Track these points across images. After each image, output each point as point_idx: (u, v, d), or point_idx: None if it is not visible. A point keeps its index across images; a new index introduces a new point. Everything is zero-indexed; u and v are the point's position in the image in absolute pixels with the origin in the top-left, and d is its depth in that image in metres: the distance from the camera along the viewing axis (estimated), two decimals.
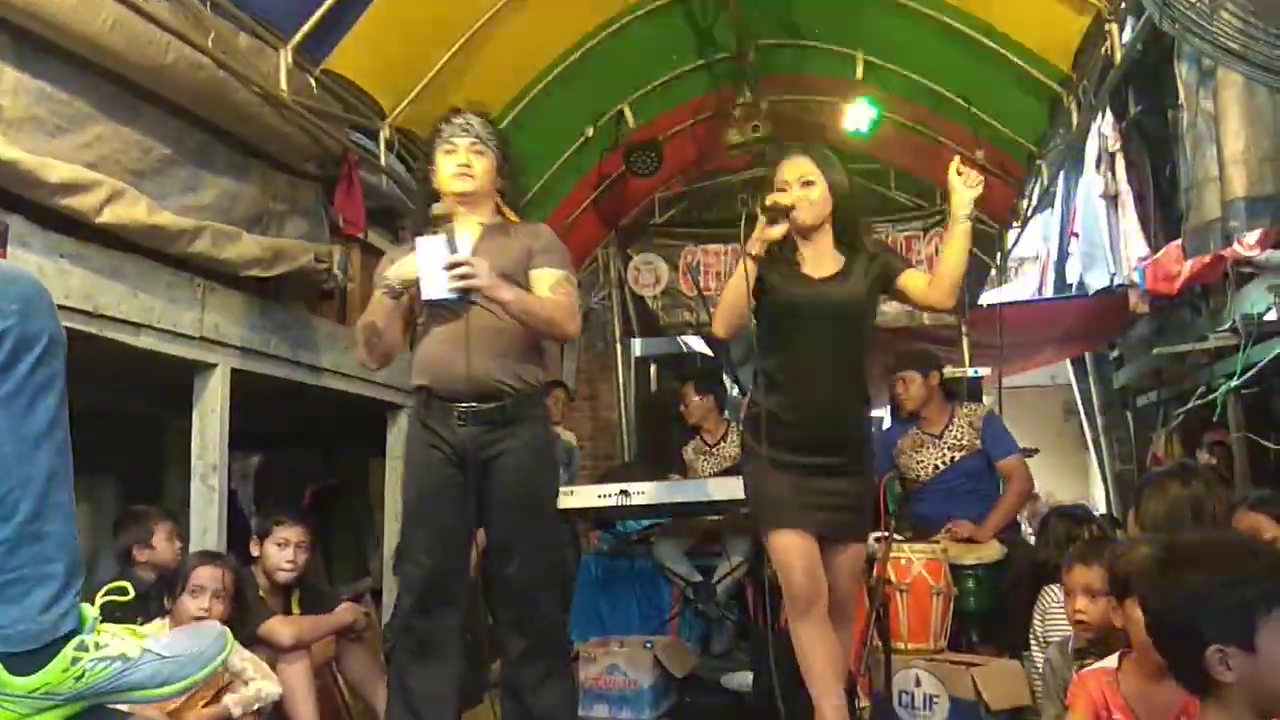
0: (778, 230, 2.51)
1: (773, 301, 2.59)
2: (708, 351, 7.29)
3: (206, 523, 3.13)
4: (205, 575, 2.58)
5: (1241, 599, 1.43)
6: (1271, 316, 3.94)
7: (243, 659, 2.47)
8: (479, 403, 2.44)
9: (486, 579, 2.92)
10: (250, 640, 2.69)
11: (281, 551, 2.94)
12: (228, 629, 1.35)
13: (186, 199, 3.06)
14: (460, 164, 2.55)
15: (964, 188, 2.55)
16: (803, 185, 2.60)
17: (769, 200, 2.54)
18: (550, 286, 2.50)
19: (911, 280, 2.64)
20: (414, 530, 2.57)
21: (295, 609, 2.99)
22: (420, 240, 2.40)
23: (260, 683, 2.48)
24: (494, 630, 2.70)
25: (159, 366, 3.12)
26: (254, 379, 3.41)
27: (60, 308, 2.53)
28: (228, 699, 2.37)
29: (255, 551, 2.96)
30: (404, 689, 2.50)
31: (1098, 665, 2.16)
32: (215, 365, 3.21)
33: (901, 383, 4.03)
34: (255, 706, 2.46)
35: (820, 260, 2.65)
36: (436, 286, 2.33)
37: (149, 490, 4.05)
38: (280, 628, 2.76)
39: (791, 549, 2.52)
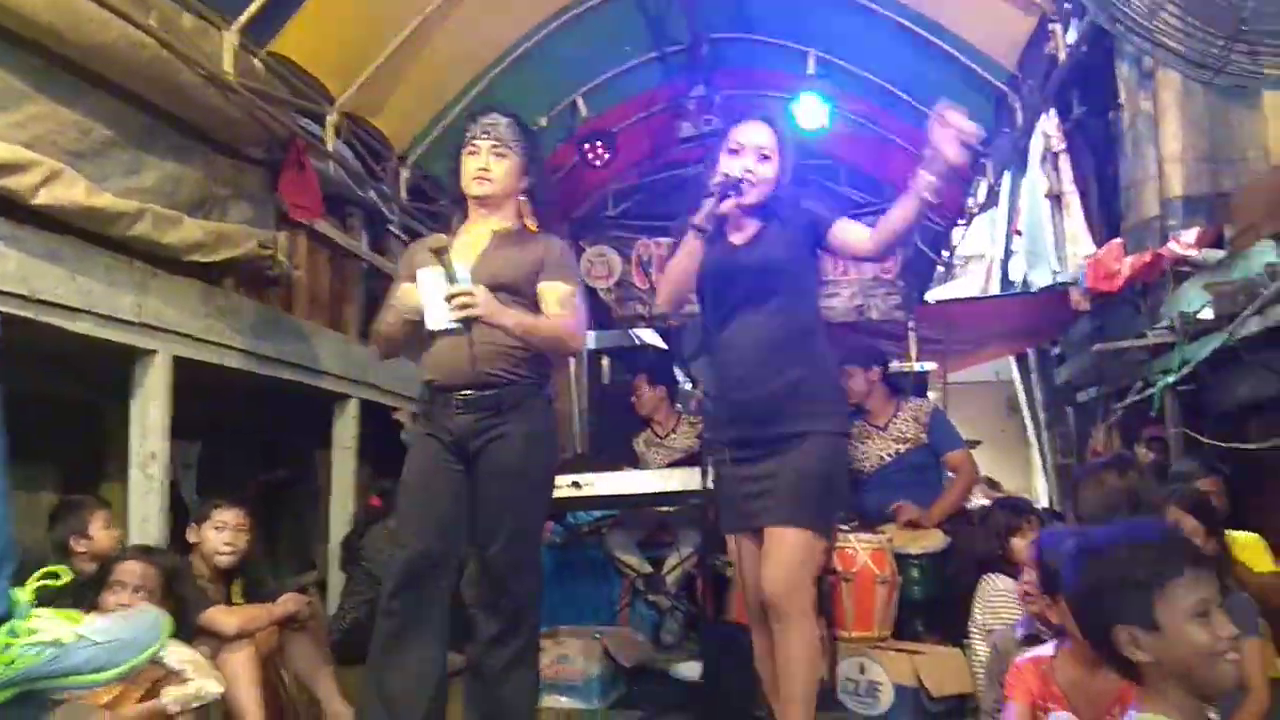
0: (728, 204, 2.42)
1: (707, 275, 2.48)
2: (660, 344, 7.31)
3: (147, 511, 3.08)
4: (126, 571, 2.51)
5: (1135, 578, 1.49)
6: (1207, 314, 4.05)
7: (182, 659, 2.40)
8: (475, 391, 2.48)
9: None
10: (191, 630, 2.65)
11: (219, 534, 2.90)
12: (165, 615, 1.32)
13: (128, 181, 2.99)
14: (480, 167, 2.57)
15: (941, 144, 2.27)
16: (759, 158, 2.47)
17: (723, 172, 2.43)
18: (558, 300, 2.53)
19: (844, 230, 2.49)
20: (405, 514, 2.61)
21: (238, 599, 2.94)
22: (420, 273, 2.45)
23: (200, 681, 2.43)
24: (464, 615, 2.67)
25: (98, 352, 3.04)
26: (196, 366, 3.34)
27: None
28: (164, 694, 2.32)
29: (192, 538, 2.91)
30: (378, 680, 2.50)
31: (1034, 654, 2.21)
32: (155, 352, 3.14)
33: (844, 377, 4.08)
34: (194, 705, 2.41)
35: (747, 227, 2.54)
36: (439, 317, 2.41)
37: (88, 479, 3.94)
38: (222, 617, 2.72)
39: (736, 554, 2.50)
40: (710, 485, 2.64)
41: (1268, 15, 1.92)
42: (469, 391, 2.49)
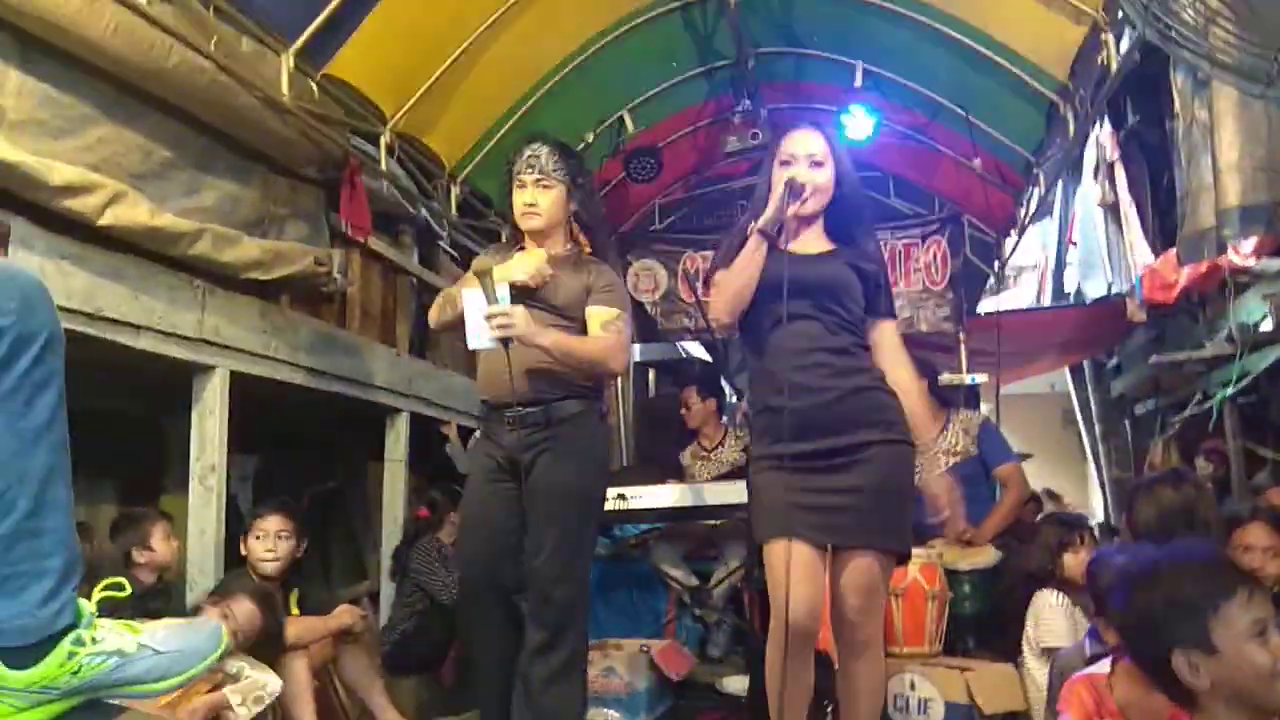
0: (792, 209, 2.33)
1: (759, 282, 2.36)
2: (706, 357, 7.30)
3: (204, 524, 3.15)
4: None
5: (1188, 601, 1.46)
6: (1268, 326, 3.96)
7: (238, 661, 2.48)
8: (524, 407, 2.57)
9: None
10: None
11: (260, 543, 2.98)
12: (223, 625, 1.37)
13: (187, 201, 3.08)
14: (526, 203, 2.67)
15: None
16: (811, 165, 2.38)
17: (787, 176, 2.34)
18: (602, 324, 2.61)
19: (880, 330, 2.44)
20: (462, 535, 2.80)
21: (294, 609, 3.00)
22: (465, 293, 2.56)
23: (259, 675, 2.49)
24: None
25: (159, 368, 3.14)
26: (253, 381, 3.43)
27: (61, 309, 2.55)
28: (227, 689, 2.38)
29: (244, 551, 2.97)
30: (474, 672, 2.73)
31: (1090, 671, 2.17)
32: (214, 367, 3.22)
33: None
34: (256, 695, 2.47)
35: (807, 240, 2.44)
36: (480, 337, 2.51)
37: (148, 492, 4.06)
38: None
39: (780, 562, 2.23)
40: (750, 490, 2.47)
41: None
42: (518, 408, 2.57)
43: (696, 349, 7.50)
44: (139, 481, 4.11)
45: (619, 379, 6.73)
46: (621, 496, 3.89)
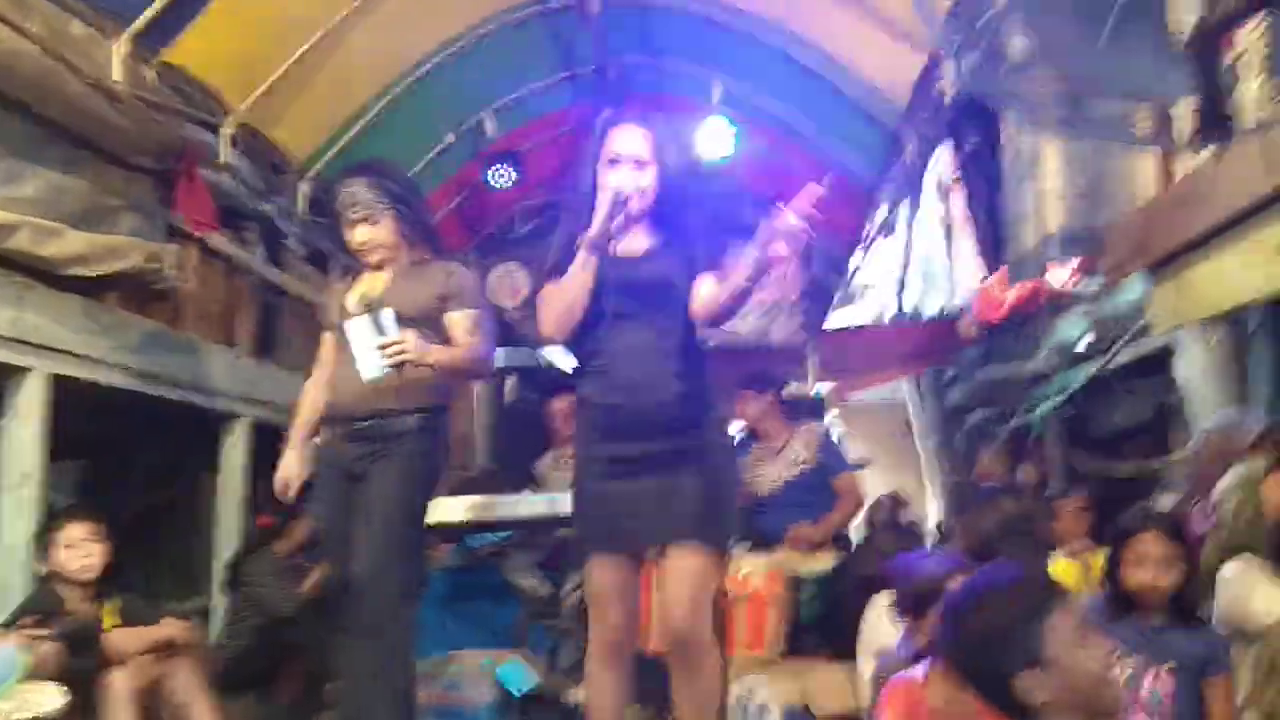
0: (618, 220, 2.26)
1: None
2: (565, 365, 7.30)
3: (18, 536, 2.93)
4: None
5: (1020, 623, 1.48)
6: (1083, 346, 4.26)
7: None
8: (363, 421, 2.64)
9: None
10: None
11: (72, 551, 2.78)
12: (18, 653, 1.27)
13: (6, 191, 2.86)
14: (360, 242, 2.73)
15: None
16: (635, 165, 2.32)
17: (614, 185, 2.26)
18: (466, 330, 2.69)
19: (699, 286, 2.33)
20: (323, 542, 2.84)
21: (109, 618, 2.82)
22: (349, 325, 2.62)
23: (35, 694, 2.30)
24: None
25: None
26: (76, 384, 3.21)
27: None
28: None
29: (43, 570, 2.78)
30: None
31: (905, 674, 2.27)
32: (31, 369, 3.00)
33: (739, 401, 4.16)
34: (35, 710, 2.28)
35: (629, 242, 2.37)
36: (372, 365, 2.55)
37: None
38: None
39: (600, 576, 2.27)
40: (573, 505, 2.42)
41: (1110, 77, 2.05)
42: (357, 422, 2.65)
43: (557, 355, 7.49)
44: None
45: (475, 386, 6.66)
46: (474, 506, 3.85)
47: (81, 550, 2.79)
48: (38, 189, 2.98)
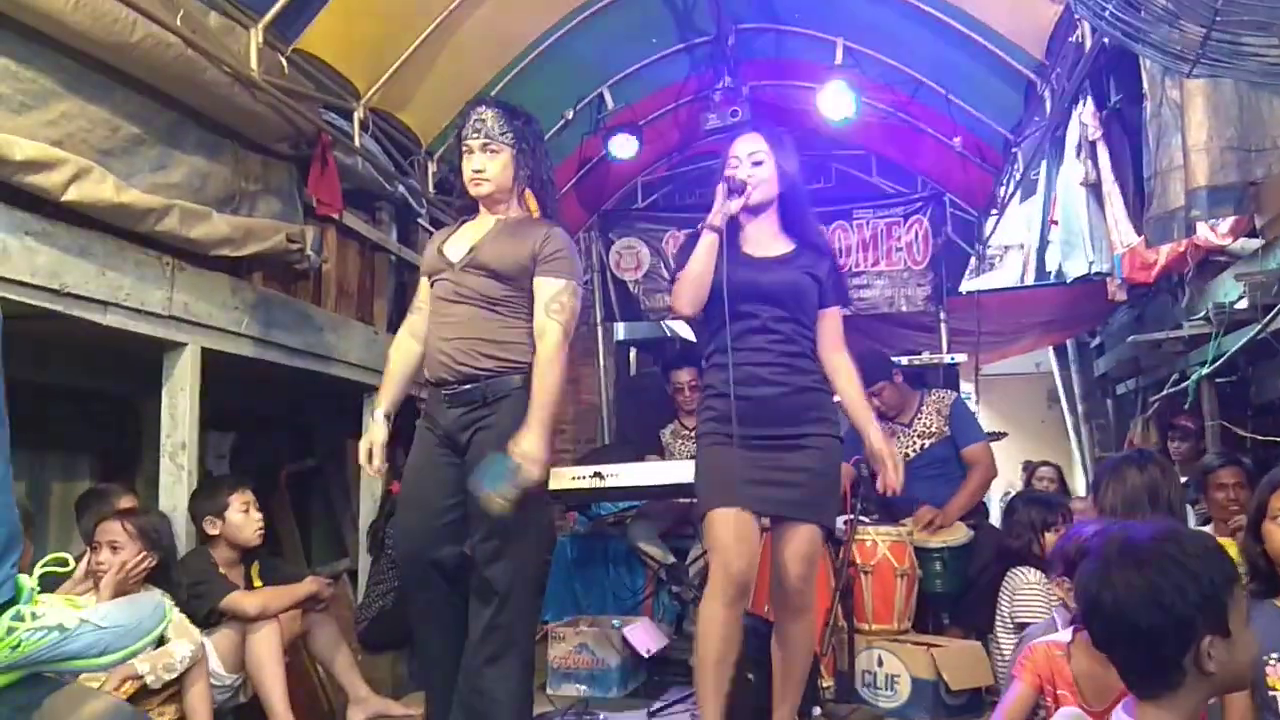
0: (736, 203, 2.57)
1: (715, 280, 2.56)
2: (690, 336, 7.31)
3: (175, 501, 3.15)
4: (103, 530, 2.57)
5: (1214, 589, 1.39)
6: (1243, 305, 3.97)
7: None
8: (461, 385, 2.58)
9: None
10: (213, 613, 2.71)
11: (246, 517, 2.97)
12: (166, 598, 1.37)
13: (156, 177, 3.05)
14: (475, 170, 2.65)
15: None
16: (753, 163, 2.63)
17: (726, 174, 2.61)
18: (546, 302, 2.57)
19: (824, 320, 2.65)
20: (399, 512, 2.74)
21: (255, 581, 3.00)
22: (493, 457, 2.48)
23: (174, 643, 2.47)
24: None
25: (130, 345, 3.13)
26: (227, 359, 3.42)
27: (26, 285, 2.57)
28: (135, 660, 2.31)
29: (213, 530, 2.95)
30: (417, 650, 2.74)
31: (1049, 639, 2.19)
32: (185, 344, 3.21)
33: (873, 398, 3.99)
34: (165, 664, 2.44)
35: (763, 241, 2.67)
36: (496, 491, 2.41)
37: (125, 468, 4.06)
38: (244, 599, 2.78)
39: (725, 526, 2.44)
40: (697, 465, 2.64)
41: (1242, 5, 1.87)
42: (455, 386, 2.59)
43: (681, 327, 7.51)
44: (116, 460, 4.11)
45: (601, 356, 6.75)
46: (599, 474, 3.90)
47: (255, 515, 2.98)
48: (184, 175, 3.17)
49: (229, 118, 3.30)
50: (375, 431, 2.71)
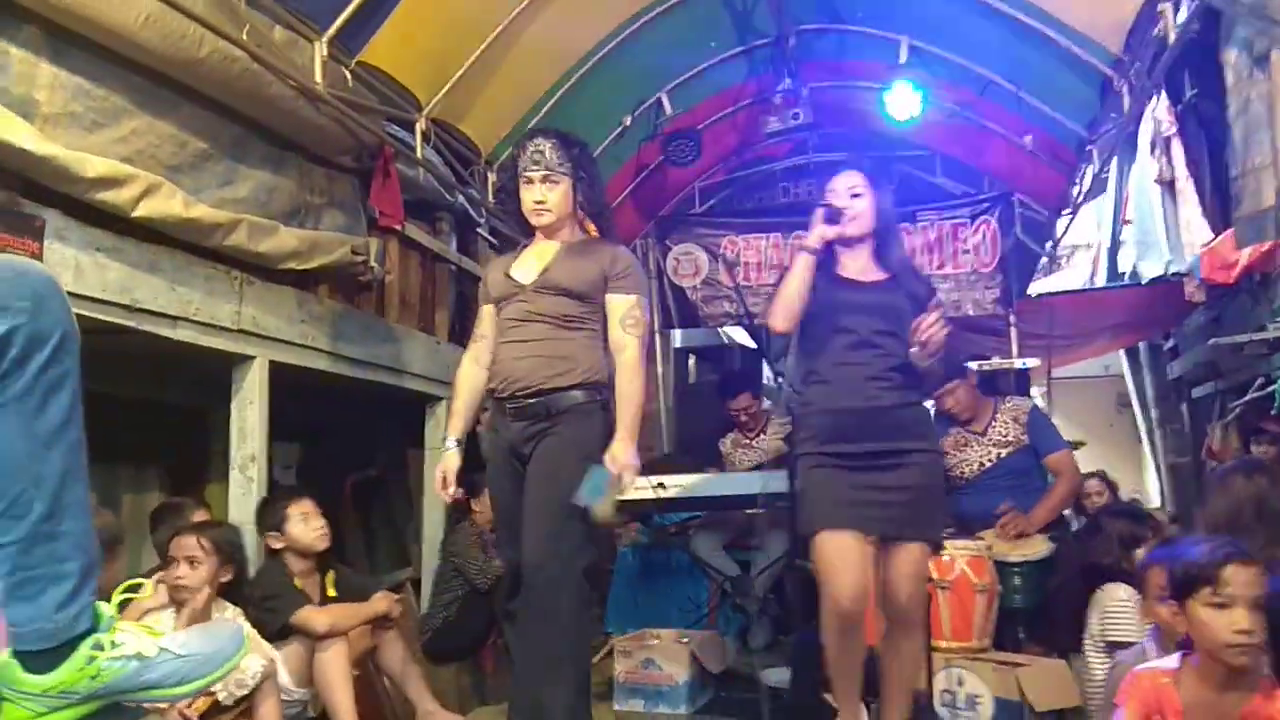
0: (835, 230, 2.64)
1: (816, 299, 2.64)
2: (748, 343, 7.22)
3: (245, 512, 3.16)
4: (179, 545, 2.56)
5: None
6: None
7: None
8: (526, 399, 2.62)
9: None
10: (284, 629, 2.70)
11: (309, 523, 2.95)
12: (245, 628, 1.34)
13: (223, 192, 3.07)
14: (536, 201, 2.69)
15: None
16: (851, 196, 2.68)
17: (827, 200, 2.68)
18: (620, 319, 2.66)
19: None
20: (496, 522, 2.86)
21: (330, 591, 2.99)
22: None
23: (246, 658, 2.44)
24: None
25: (199, 358, 3.15)
26: (293, 371, 3.43)
27: (98, 301, 2.59)
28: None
29: (276, 544, 2.94)
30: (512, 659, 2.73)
31: (1155, 664, 2.07)
32: (253, 358, 3.23)
33: (947, 396, 3.89)
34: (237, 679, 2.42)
35: (861, 266, 2.73)
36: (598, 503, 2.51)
37: (193, 480, 4.10)
38: (314, 616, 2.76)
39: (837, 552, 2.46)
40: (800, 485, 2.66)
41: None
42: (520, 399, 2.62)
43: (739, 334, 7.43)
44: (185, 472, 4.16)
45: (659, 364, 6.69)
46: (660, 485, 3.84)
47: (315, 522, 2.97)
48: (251, 189, 3.18)
49: (294, 131, 3.31)
50: (449, 460, 2.77)
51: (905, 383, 2.62)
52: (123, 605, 1.32)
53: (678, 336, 7.01)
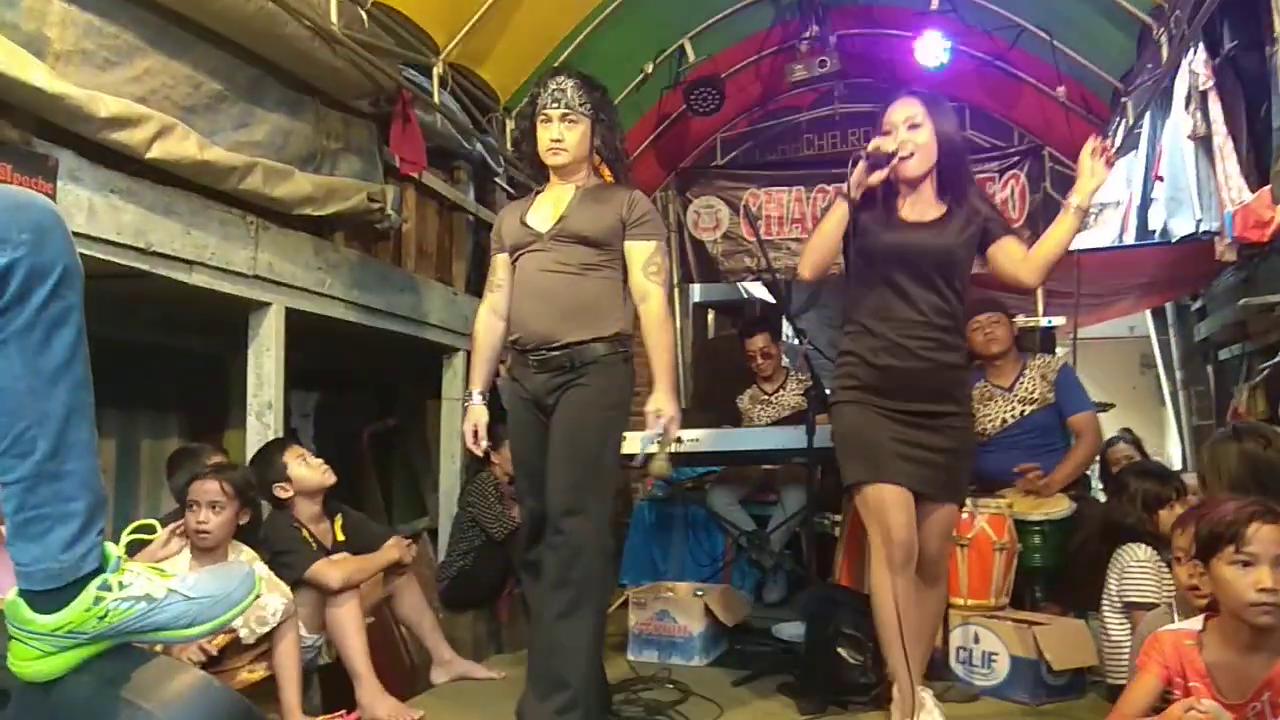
0: (878, 176, 2.50)
1: (866, 245, 2.56)
2: (768, 298, 7.14)
3: None
4: (200, 489, 2.54)
5: None
6: None
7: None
8: (549, 350, 2.58)
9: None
10: (297, 583, 2.71)
11: (309, 462, 2.94)
12: (256, 570, 1.32)
13: (238, 135, 3.03)
14: (553, 139, 2.63)
15: (1092, 175, 2.45)
16: (909, 128, 2.54)
17: (872, 145, 2.51)
18: (643, 266, 2.61)
19: (1006, 249, 2.58)
20: (515, 472, 2.83)
21: (338, 534, 2.99)
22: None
23: (266, 596, 2.47)
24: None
25: (216, 304, 3.13)
26: (309, 318, 3.41)
27: (112, 244, 2.56)
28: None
29: (285, 494, 2.92)
30: (529, 609, 2.73)
31: (1179, 627, 2.04)
32: (269, 304, 3.21)
33: (988, 325, 3.78)
34: (258, 616, 2.44)
35: (919, 206, 2.59)
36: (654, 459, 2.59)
37: (212, 427, 4.11)
38: (328, 570, 2.76)
39: (891, 503, 2.47)
40: (841, 430, 2.62)
41: None
42: (543, 351, 2.58)
43: (758, 289, 7.35)
44: (203, 418, 4.16)
45: (678, 319, 6.63)
46: (679, 439, 3.81)
47: (314, 460, 2.97)
48: (266, 132, 3.14)
49: (310, 74, 3.26)
50: (476, 413, 2.75)
51: (950, 342, 2.57)
52: (132, 546, 1.30)
53: (697, 291, 6.94)
